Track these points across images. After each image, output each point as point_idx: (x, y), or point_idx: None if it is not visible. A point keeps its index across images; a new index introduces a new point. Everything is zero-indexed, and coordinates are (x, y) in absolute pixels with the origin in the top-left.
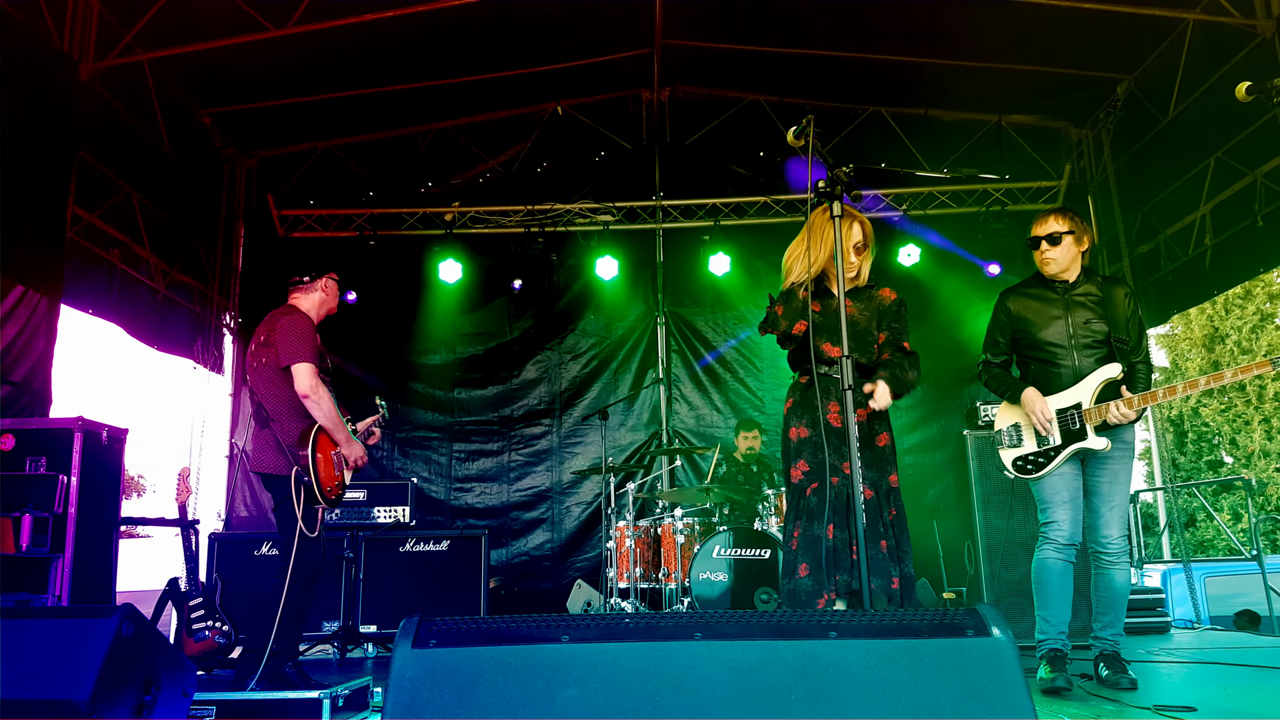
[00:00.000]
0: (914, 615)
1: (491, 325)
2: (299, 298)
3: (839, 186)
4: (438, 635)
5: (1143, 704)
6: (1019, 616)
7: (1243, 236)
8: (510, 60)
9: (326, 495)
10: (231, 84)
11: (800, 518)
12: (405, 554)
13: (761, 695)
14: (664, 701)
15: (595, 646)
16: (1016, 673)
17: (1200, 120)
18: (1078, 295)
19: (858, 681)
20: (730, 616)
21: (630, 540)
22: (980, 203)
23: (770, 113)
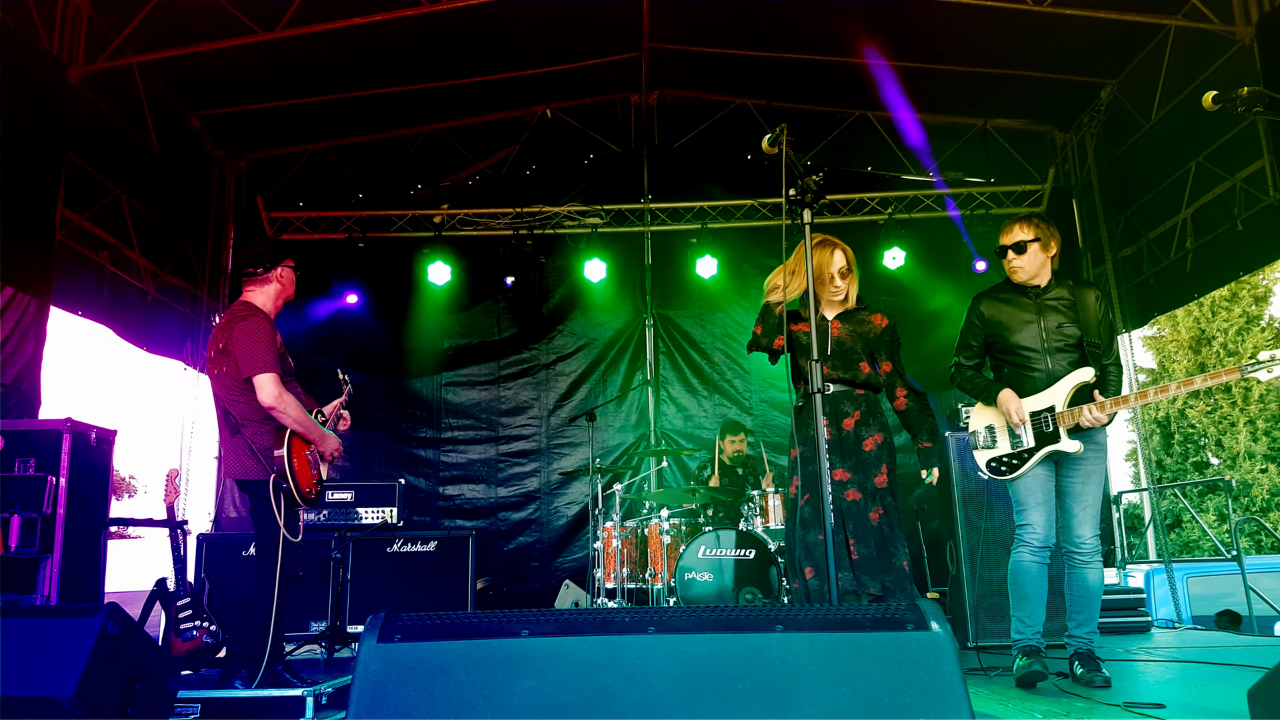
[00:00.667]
0: (856, 610)
1: (480, 327)
2: (253, 291)
3: (809, 195)
4: (403, 630)
5: (1114, 701)
6: (999, 616)
7: (1223, 240)
8: (499, 63)
9: (306, 497)
10: (221, 86)
11: (799, 527)
12: (393, 554)
13: (709, 685)
14: (616, 691)
15: (553, 640)
16: (953, 665)
17: (1181, 125)
18: (1049, 300)
19: (801, 673)
20: (682, 611)
21: (617, 540)
22: (965, 206)
23: (757, 116)
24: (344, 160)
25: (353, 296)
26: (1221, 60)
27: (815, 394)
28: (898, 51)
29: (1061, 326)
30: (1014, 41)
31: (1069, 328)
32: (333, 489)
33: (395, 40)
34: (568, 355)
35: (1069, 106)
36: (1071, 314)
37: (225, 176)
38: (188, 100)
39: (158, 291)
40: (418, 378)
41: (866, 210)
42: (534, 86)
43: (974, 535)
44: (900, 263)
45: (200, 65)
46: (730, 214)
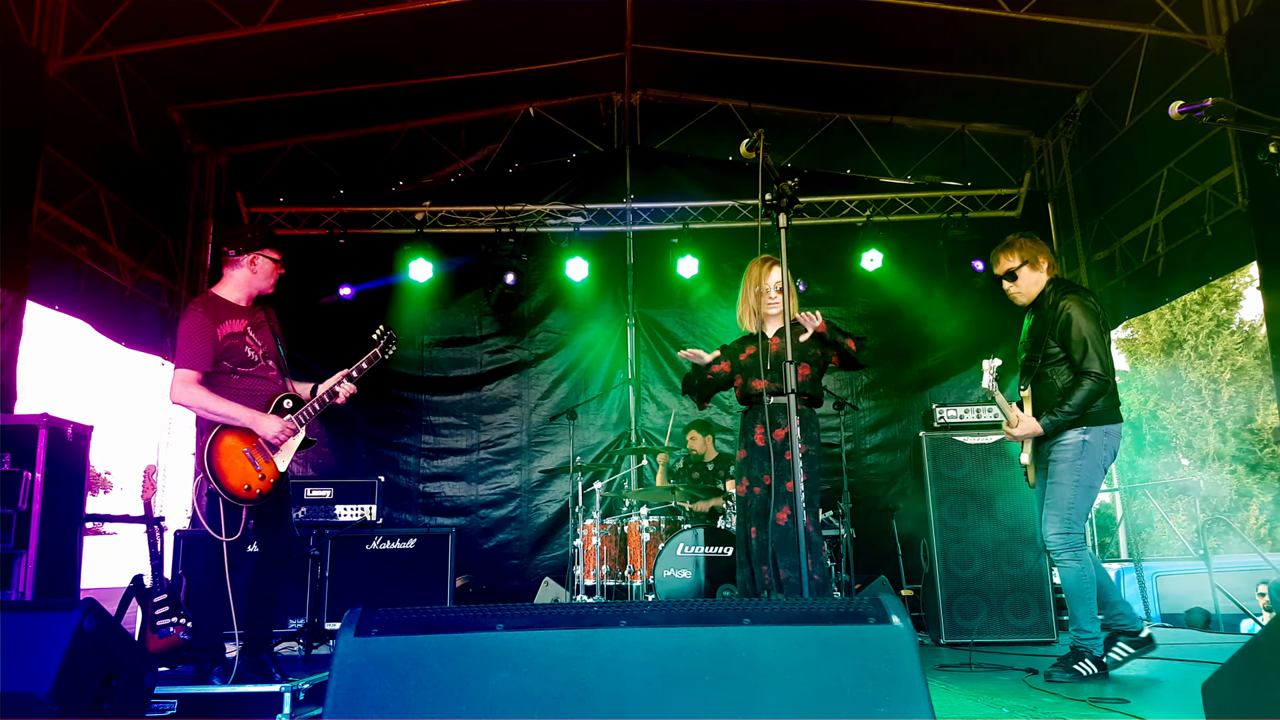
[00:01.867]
0: (822, 604)
1: (461, 324)
2: (226, 274)
3: (784, 199)
4: (380, 624)
5: (1079, 697)
6: (971, 613)
7: (1193, 245)
8: (482, 61)
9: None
10: (201, 81)
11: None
12: (372, 552)
13: (679, 677)
14: (589, 684)
15: (527, 634)
16: (913, 657)
17: (1154, 131)
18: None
19: (767, 664)
20: (653, 605)
21: (597, 538)
22: (942, 209)
23: (739, 117)
24: (325, 156)
25: (336, 293)
26: (1193, 69)
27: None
28: (876, 56)
29: (1032, 344)
30: (991, 47)
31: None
32: (311, 486)
33: (377, 36)
34: (549, 354)
35: (1045, 112)
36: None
37: (205, 171)
38: (167, 94)
39: (136, 286)
40: (398, 375)
41: (845, 212)
42: (516, 85)
43: (946, 534)
44: (878, 264)
45: (180, 59)
46: (711, 214)
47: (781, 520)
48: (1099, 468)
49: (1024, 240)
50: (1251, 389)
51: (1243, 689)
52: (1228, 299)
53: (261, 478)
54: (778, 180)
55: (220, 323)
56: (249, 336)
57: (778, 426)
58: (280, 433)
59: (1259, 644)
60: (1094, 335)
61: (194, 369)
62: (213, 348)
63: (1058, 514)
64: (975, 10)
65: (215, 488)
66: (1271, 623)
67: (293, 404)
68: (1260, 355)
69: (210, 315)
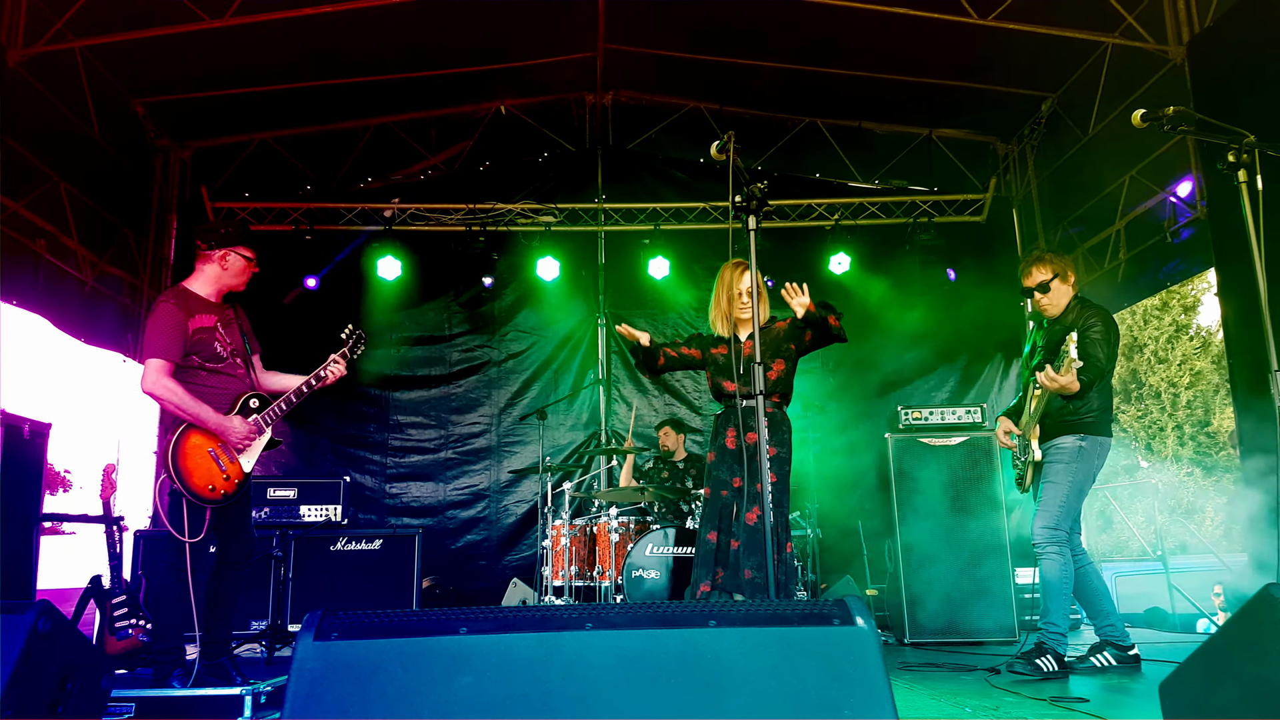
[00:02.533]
0: (786, 605)
1: (431, 323)
2: (198, 268)
3: (754, 202)
4: (340, 628)
5: (1041, 696)
6: (935, 613)
7: (1154, 251)
8: (453, 58)
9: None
10: (166, 74)
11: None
12: (337, 553)
13: (644, 680)
14: (553, 687)
15: (491, 637)
16: (876, 659)
17: (1117, 139)
18: (1055, 326)
19: (732, 666)
20: (619, 608)
21: (566, 539)
22: (909, 214)
23: (710, 120)
24: (292, 151)
25: (300, 290)
26: (1155, 78)
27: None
28: (846, 60)
29: (1049, 350)
30: (959, 54)
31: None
32: (275, 486)
33: (346, 31)
34: (519, 353)
35: (1011, 118)
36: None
37: (169, 165)
38: (131, 87)
39: (96, 281)
40: (366, 375)
41: (814, 216)
42: (488, 83)
43: (910, 534)
44: (846, 268)
45: (145, 51)
46: (682, 216)
47: (750, 520)
48: (1091, 474)
49: (1052, 254)
50: (1209, 393)
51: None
52: (1186, 305)
53: (226, 478)
54: (748, 182)
55: (191, 316)
56: (219, 332)
57: (750, 430)
58: (245, 438)
59: (1214, 645)
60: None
61: (166, 359)
62: (183, 340)
63: (1048, 510)
64: (943, 17)
65: (179, 488)
66: (1226, 624)
67: (259, 403)
68: (1217, 360)
69: (182, 308)
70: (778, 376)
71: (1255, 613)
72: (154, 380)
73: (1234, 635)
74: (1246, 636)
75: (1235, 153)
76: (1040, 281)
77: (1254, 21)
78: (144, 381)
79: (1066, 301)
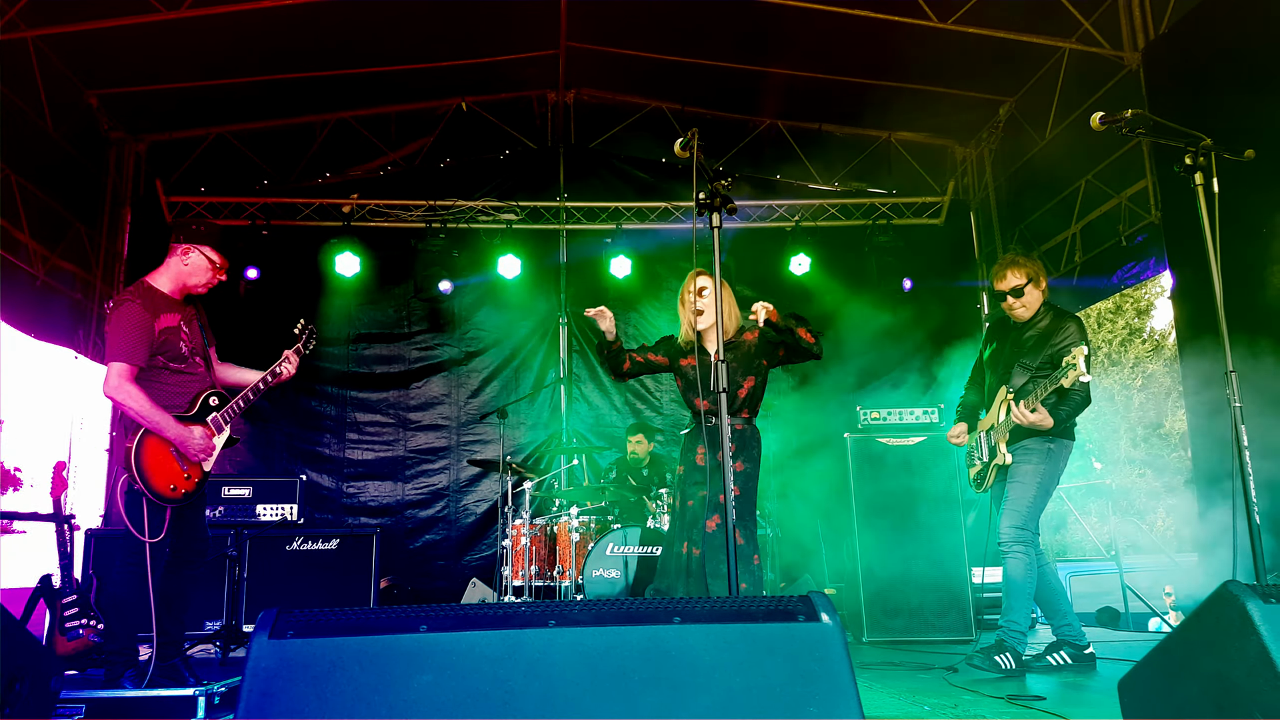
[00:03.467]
0: (751, 602)
1: (389, 321)
2: (166, 262)
3: (718, 199)
4: (296, 626)
5: (999, 694)
6: (893, 612)
7: (1108, 255)
8: (414, 53)
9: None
10: (121, 65)
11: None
12: (293, 553)
13: (608, 677)
14: (515, 685)
15: (452, 635)
16: (841, 654)
17: (1073, 144)
18: (1028, 331)
19: (698, 663)
20: (583, 604)
21: (526, 538)
22: (868, 216)
23: (672, 120)
24: (249, 145)
25: (255, 285)
26: (1111, 83)
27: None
28: (807, 63)
29: (1025, 355)
30: (919, 58)
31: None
32: (230, 484)
33: (305, 24)
34: (480, 351)
35: (969, 122)
36: (1041, 343)
37: (123, 158)
38: (85, 78)
39: (48, 276)
40: (323, 372)
41: (775, 217)
42: (449, 78)
43: (869, 533)
44: (806, 269)
45: (100, 42)
46: (644, 215)
47: (710, 528)
48: (1057, 475)
49: (1027, 258)
50: (1160, 396)
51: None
52: (1139, 308)
53: (187, 477)
54: (712, 179)
55: (157, 315)
56: (184, 331)
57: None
58: (203, 450)
59: (1173, 642)
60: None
61: (130, 363)
62: (149, 343)
63: (1018, 510)
64: (904, 20)
65: (140, 487)
66: (1185, 622)
67: (219, 401)
68: (1169, 363)
69: (149, 309)
70: (748, 393)
71: (1214, 610)
72: (116, 385)
73: (1193, 633)
74: (1206, 634)
75: (1192, 155)
76: (1015, 286)
77: (1207, 28)
78: (106, 385)
79: (1038, 306)
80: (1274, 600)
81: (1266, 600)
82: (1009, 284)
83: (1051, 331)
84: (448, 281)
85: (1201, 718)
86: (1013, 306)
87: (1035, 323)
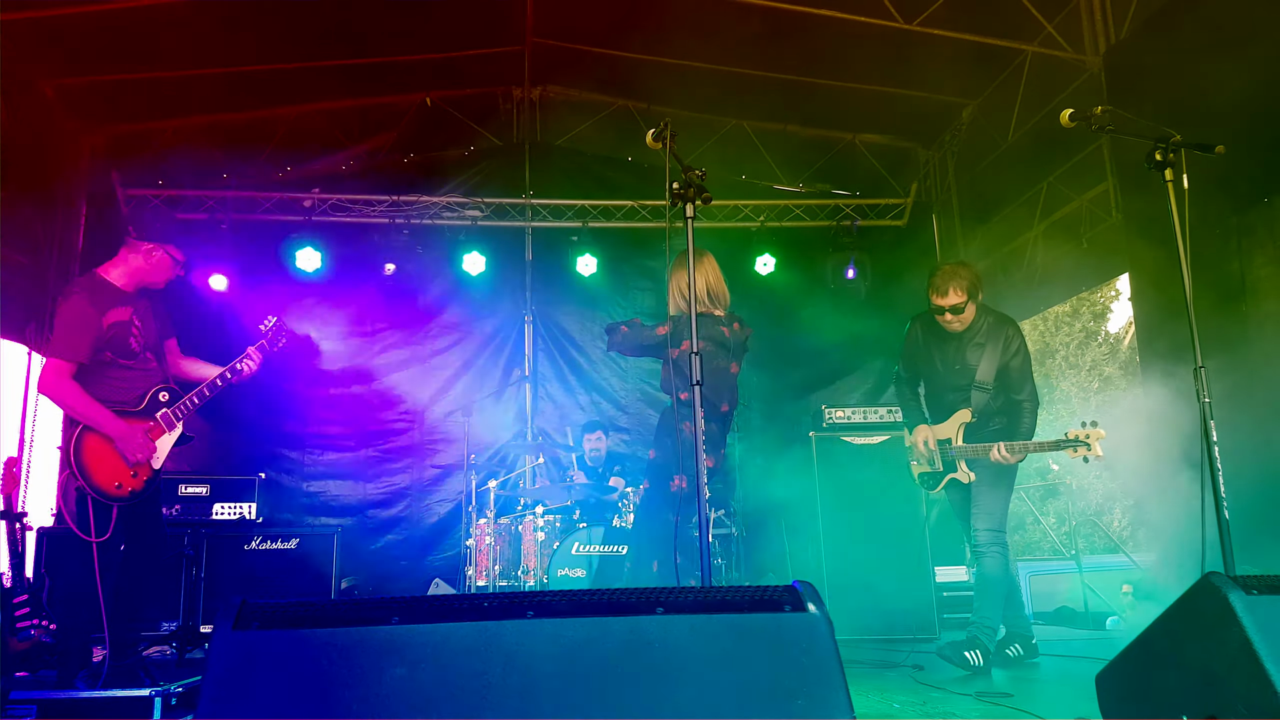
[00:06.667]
0: (736, 592)
1: (352, 318)
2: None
3: (692, 189)
4: (261, 617)
5: (967, 691)
6: (857, 610)
7: (1069, 257)
8: (378, 47)
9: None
10: (78, 55)
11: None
12: (251, 552)
13: (590, 669)
14: (493, 678)
15: (425, 627)
16: (829, 645)
17: (1035, 147)
18: (966, 338)
19: (682, 654)
20: (562, 594)
21: (490, 537)
22: (832, 217)
23: (638, 119)
24: (209, 138)
25: (215, 282)
26: (1072, 87)
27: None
28: (772, 63)
29: (965, 367)
30: (884, 60)
31: (970, 368)
32: (186, 483)
33: (269, 16)
34: (444, 349)
35: (932, 125)
36: (978, 353)
37: (79, 150)
38: (41, 67)
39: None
40: (283, 368)
41: (740, 217)
42: (414, 73)
43: (833, 532)
44: (771, 269)
45: (56, 30)
46: (611, 214)
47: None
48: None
49: (967, 271)
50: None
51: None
52: (1096, 312)
53: (134, 475)
54: (686, 170)
55: (105, 310)
56: (134, 325)
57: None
58: (141, 449)
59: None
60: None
61: (69, 360)
62: (93, 340)
63: (993, 513)
64: (869, 20)
65: (83, 484)
66: (1165, 615)
67: (169, 397)
68: (1125, 366)
69: (95, 303)
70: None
71: (1196, 602)
72: (50, 382)
73: (1174, 625)
74: (1187, 626)
75: (1162, 151)
76: (955, 304)
77: (1167, 33)
78: (41, 381)
79: (973, 317)
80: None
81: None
82: (950, 301)
83: (994, 339)
84: (411, 278)
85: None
86: (950, 321)
87: (974, 329)
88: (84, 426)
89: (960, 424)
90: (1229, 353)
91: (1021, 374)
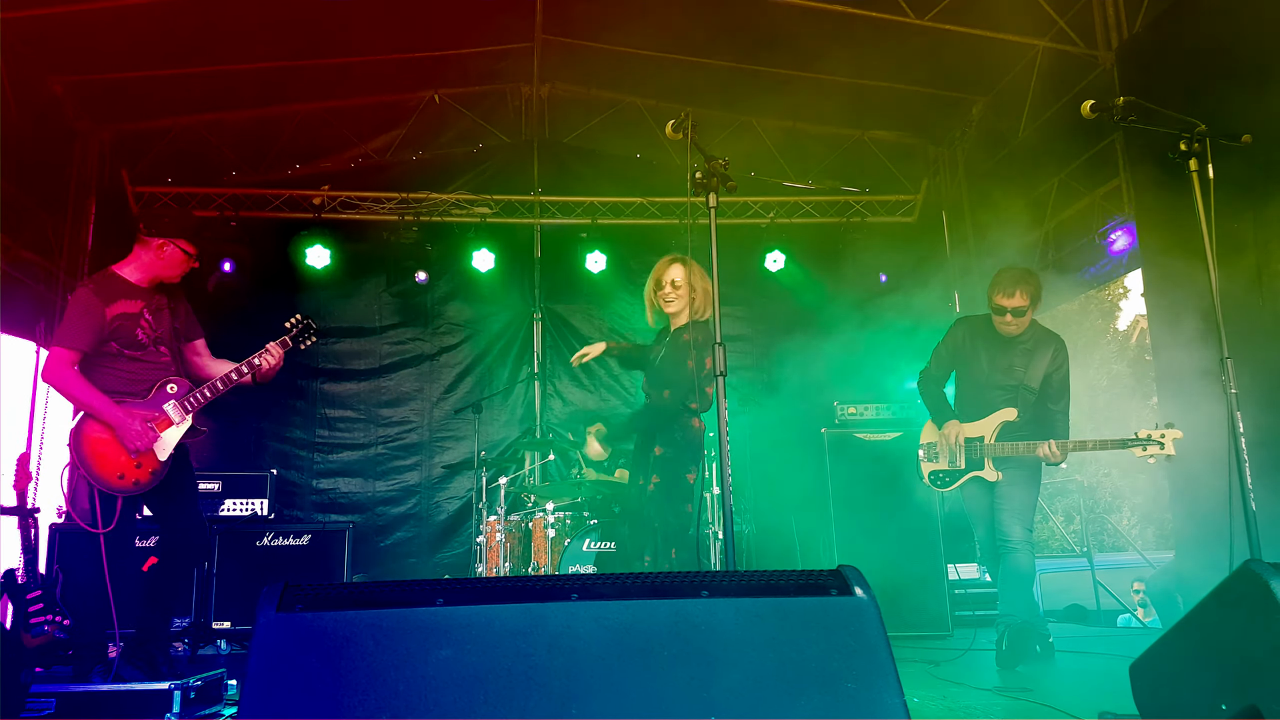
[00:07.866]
0: (781, 575)
1: (361, 315)
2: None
3: (715, 178)
4: (305, 599)
5: (984, 685)
6: None
7: (1082, 252)
8: (386, 45)
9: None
10: (87, 52)
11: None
12: (263, 548)
13: (634, 652)
14: (538, 660)
15: (471, 609)
16: (878, 629)
17: (1046, 142)
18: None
19: (727, 637)
20: (607, 578)
21: (501, 534)
22: (842, 214)
23: (648, 116)
24: (217, 136)
25: (224, 278)
26: (1084, 83)
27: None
28: (782, 60)
29: (1011, 368)
30: (894, 56)
31: (1018, 371)
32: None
33: (277, 13)
34: (453, 346)
35: (943, 121)
36: (1026, 359)
37: (88, 147)
38: (50, 65)
39: (10, 266)
40: (293, 365)
41: (750, 214)
42: (422, 70)
43: (845, 529)
44: (780, 266)
45: (66, 28)
46: (620, 210)
47: None
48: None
49: (1034, 278)
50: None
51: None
52: (1104, 310)
53: (138, 465)
54: (709, 159)
55: (111, 302)
56: (144, 318)
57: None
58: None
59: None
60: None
61: (71, 349)
62: (97, 329)
63: (1024, 512)
64: (881, 15)
65: (85, 473)
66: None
67: (176, 388)
68: (1133, 364)
69: (101, 295)
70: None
71: (1236, 590)
72: (52, 370)
73: (1212, 614)
74: (1227, 614)
75: (1186, 141)
76: (1019, 306)
77: (1180, 28)
78: (44, 370)
79: (1028, 323)
80: None
81: None
82: (1015, 303)
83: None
84: (423, 273)
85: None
86: (1009, 323)
87: (1022, 337)
88: (85, 416)
89: (1000, 422)
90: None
91: (1062, 386)
